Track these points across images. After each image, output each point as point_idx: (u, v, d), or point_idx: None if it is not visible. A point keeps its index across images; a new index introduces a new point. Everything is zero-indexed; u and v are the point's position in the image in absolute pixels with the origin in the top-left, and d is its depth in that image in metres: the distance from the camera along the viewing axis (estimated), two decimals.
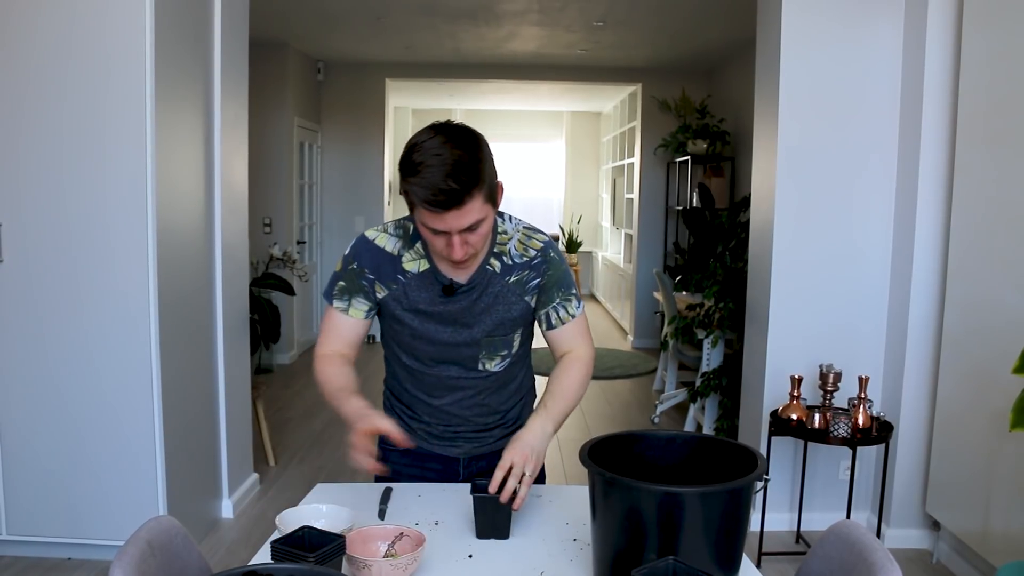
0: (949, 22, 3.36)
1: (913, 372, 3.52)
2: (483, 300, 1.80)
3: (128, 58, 3.05)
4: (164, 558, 1.48)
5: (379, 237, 1.82)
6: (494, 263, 1.80)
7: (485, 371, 1.88)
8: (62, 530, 3.27)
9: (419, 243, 1.79)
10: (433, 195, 1.55)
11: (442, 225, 1.60)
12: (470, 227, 1.62)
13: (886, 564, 1.39)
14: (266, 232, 7.25)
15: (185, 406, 3.44)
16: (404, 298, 1.80)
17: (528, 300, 1.84)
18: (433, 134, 1.62)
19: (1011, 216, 2.96)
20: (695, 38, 6.74)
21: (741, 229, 4.95)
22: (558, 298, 1.85)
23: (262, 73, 6.74)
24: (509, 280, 1.81)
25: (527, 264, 1.82)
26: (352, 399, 1.75)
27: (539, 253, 1.83)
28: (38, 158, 3.10)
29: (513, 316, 1.84)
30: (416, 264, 1.79)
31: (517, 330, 1.87)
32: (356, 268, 1.81)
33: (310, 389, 6.50)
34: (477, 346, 1.84)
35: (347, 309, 1.84)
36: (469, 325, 1.81)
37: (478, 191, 1.59)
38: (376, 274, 1.80)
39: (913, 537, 3.61)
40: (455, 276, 1.78)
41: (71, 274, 3.14)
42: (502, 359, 1.88)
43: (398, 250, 1.80)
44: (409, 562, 1.42)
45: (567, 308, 1.86)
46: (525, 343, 1.94)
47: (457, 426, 1.93)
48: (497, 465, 1.65)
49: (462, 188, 1.56)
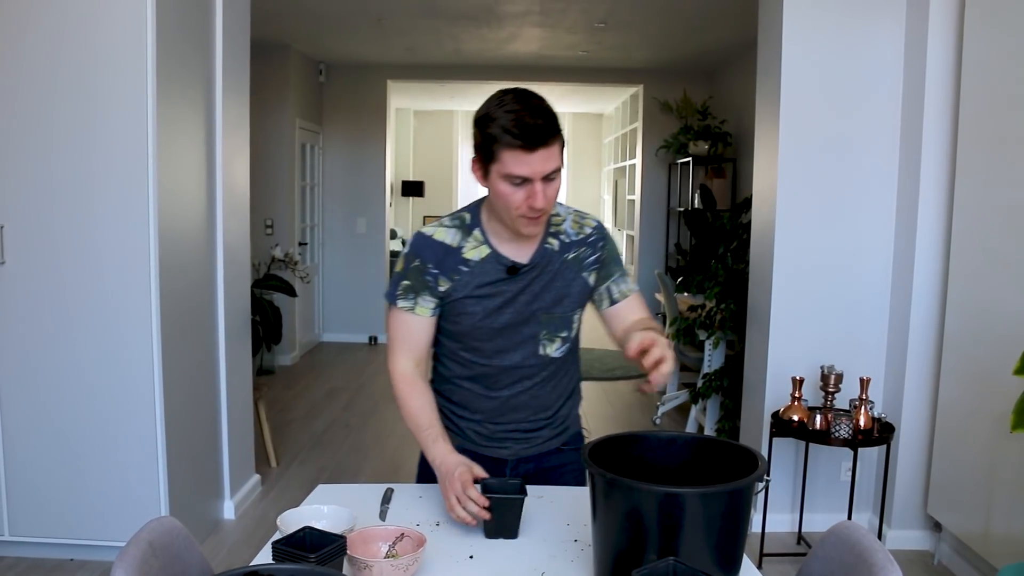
0: (951, 23, 3.36)
1: (914, 373, 3.52)
2: (543, 277, 1.83)
3: (130, 60, 3.06)
4: (166, 559, 1.48)
5: (436, 232, 1.83)
6: (552, 242, 1.84)
7: (545, 356, 1.88)
8: (64, 531, 3.27)
9: (477, 230, 1.81)
10: (524, 132, 1.62)
11: (527, 169, 1.64)
12: (550, 176, 1.67)
13: (887, 565, 1.39)
14: (268, 233, 7.26)
15: (187, 407, 3.44)
16: (468, 286, 1.81)
17: (585, 276, 1.87)
18: (509, 91, 1.70)
19: (1013, 218, 2.96)
20: (696, 39, 6.74)
21: (743, 230, 4.95)
22: (617, 272, 1.90)
23: (264, 75, 6.74)
24: (568, 257, 1.85)
25: (583, 241, 1.87)
26: (440, 443, 1.79)
27: (594, 231, 1.89)
28: (40, 160, 3.10)
29: (572, 293, 1.86)
30: (477, 252, 1.81)
31: (576, 310, 1.89)
32: (419, 264, 1.82)
33: (311, 390, 6.51)
34: (539, 324, 1.84)
35: (413, 308, 1.84)
36: (531, 303, 1.83)
37: (559, 138, 1.68)
38: (439, 267, 1.81)
39: (914, 538, 3.60)
40: (518, 255, 1.81)
41: (73, 275, 3.14)
42: (562, 342, 1.88)
43: (457, 241, 1.82)
44: (410, 563, 1.42)
45: (626, 282, 1.91)
46: (579, 328, 1.94)
47: (509, 423, 1.92)
48: (642, 337, 1.60)
49: (549, 126, 1.65)
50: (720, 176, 7.18)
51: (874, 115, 3.60)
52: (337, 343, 8.45)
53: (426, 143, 12.72)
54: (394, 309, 1.86)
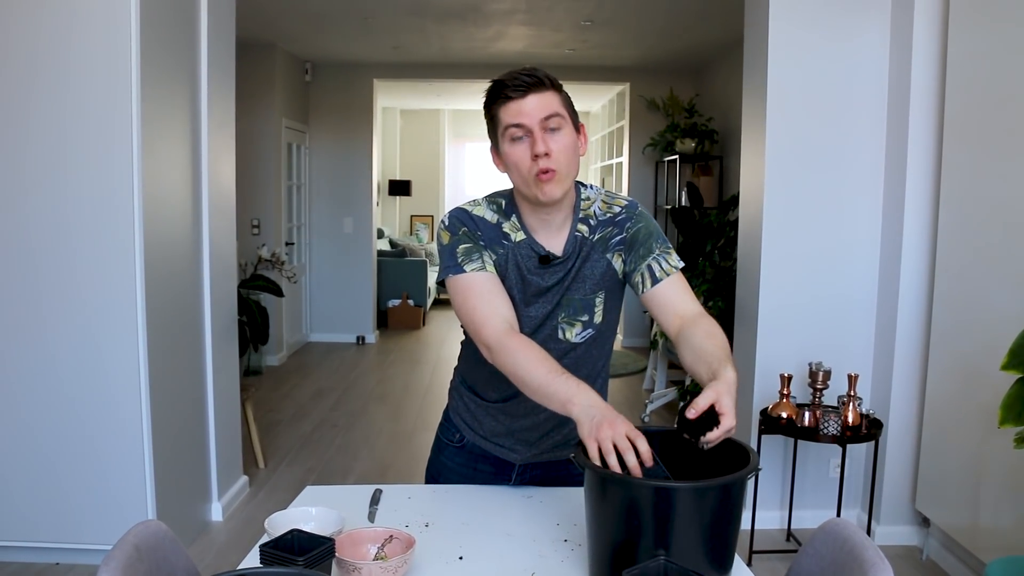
0: (935, 22, 3.38)
1: (902, 369, 3.54)
2: (576, 267, 1.75)
3: (114, 59, 3.03)
4: (152, 562, 1.47)
5: (476, 208, 1.78)
6: (582, 228, 1.76)
7: (566, 342, 1.78)
8: (49, 535, 3.25)
9: (514, 216, 1.76)
10: (513, 81, 1.64)
11: (524, 118, 1.63)
12: (551, 125, 1.64)
13: (877, 562, 1.39)
14: (254, 233, 7.23)
15: (173, 409, 3.42)
16: (507, 265, 1.74)
17: (609, 258, 1.75)
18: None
19: (998, 213, 2.97)
20: (683, 37, 6.75)
21: (730, 228, 4.96)
22: (657, 249, 1.71)
23: (249, 74, 6.72)
24: (594, 238, 1.75)
25: (610, 220, 1.76)
26: (585, 385, 1.49)
27: (623, 210, 1.77)
28: (22, 160, 3.08)
29: (595, 275, 1.76)
30: (515, 234, 1.75)
31: (598, 292, 1.77)
32: (468, 231, 1.73)
33: (299, 391, 6.48)
34: (558, 306, 1.76)
35: (483, 266, 1.69)
36: (562, 296, 1.76)
37: (557, 90, 1.68)
38: (484, 239, 1.73)
39: (903, 534, 3.62)
40: (551, 244, 1.74)
41: (57, 275, 3.12)
42: (583, 327, 1.78)
43: (497, 219, 1.76)
44: (399, 564, 1.41)
45: (668, 259, 1.70)
46: (608, 316, 1.80)
47: (523, 416, 1.85)
48: (703, 401, 1.40)
49: (542, 75, 1.66)
50: (707, 174, 7.19)
51: (860, 113, 3.61)
52: (325, 343, 8.43)
53: (413, 142, 12.69)
54: (460, 278, 1.69)
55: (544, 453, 1.93)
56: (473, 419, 1.94)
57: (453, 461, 1.99)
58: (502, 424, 1.91)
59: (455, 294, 1.70)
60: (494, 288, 1.69)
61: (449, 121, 12.84)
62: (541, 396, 1.53)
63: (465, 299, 1.68)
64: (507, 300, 1.70)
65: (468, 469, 1.97)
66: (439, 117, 12.71)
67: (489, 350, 1.63)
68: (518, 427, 1.89)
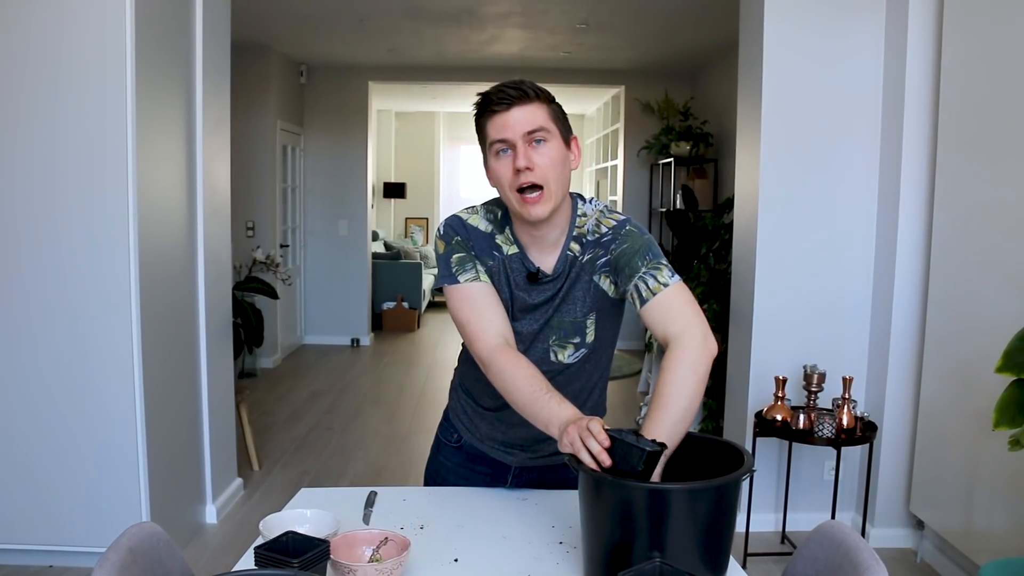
0: (930, 24, 3.39)
1: (897, 372, 3.54)
2: (565, 287, 1.73)
3: (109, 61, 3.03)
4: (146, 565, 1.46)
5: (471, 218, 1.77)
6: (574, 247, 1.73)
7: (558, 363, 1.76)
8: (43, 537, 3.23)
9: (508, 229, 1.75)
10: (499, 92, 1.63)
11: (508, 132, 1.61)
12: (536, 139, 1.62)
13: (872, 564, 1.39)
14: (249, 236, 7.22)
15: (168, 411, 3.41)
16: (497, 276, 1.74)
17: (597, 280, 1.71)
18: None
19: (993, 216, 2.98)
20: (678, 40, 6.76)
21: (725, 230, 4.97)
22: (643, 267, 1.64)
23: (244, 76, 6.70)
24: (584, 259, 1.72)
25: (597, 241, 1.71)
26: (568, 403, 1.55)
27: (611, 230, 1.70)
28: (16, 161, 3.07)
29: (585, 295, 1.73)
30: (507, 247, 1.75)
31: (589, 315, 1.74)
32: (461, 240, 1.74)
33: (294, 393, 6.47)
34: (549, 329, 1.74)
35: (478, 276, 1.71)
36: (551, 316, 1.74)
37: (544, 102, 1.65)
38: (476, 249, 1.74)
39: (897, 536, 3.62)
40: (542, 262, 1.72)
41: (52, 277, 3.11)
42: (575, 348, 1.76)
43: (491, 230, 1.76)
44: (394, 567, 1.41)
45: (657, 276, 1.62)
46: (601, 335, 1.77)
47: (518, 425, 1.80)
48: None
49: (528, 88, 1.64)
50: (702, 176, 7.21)
51: (855, 116, 3.62)
52: (319, 345, 8.41)
53: (408, 145, 12.69)
54: (454, 289, 1.71)
55: (540, 458, 1.92)
56: (470, 422, 1.95)
57: (451, 461, 1.99)
58: (498, 430, 1.91)
59: (450, 304, 1.74)
60: (487, 299, 1.71)
61: (444, 124, 12.83)
62: (527, 416, 1.60)
63: (459, 310, 1.71)
64: (501, 311, 1.71)
65: (466, 469, 1.98)
66: (434, 120, 12.71)
67: (482, 364, 1.68)
68: (513, 434, 1.89)
